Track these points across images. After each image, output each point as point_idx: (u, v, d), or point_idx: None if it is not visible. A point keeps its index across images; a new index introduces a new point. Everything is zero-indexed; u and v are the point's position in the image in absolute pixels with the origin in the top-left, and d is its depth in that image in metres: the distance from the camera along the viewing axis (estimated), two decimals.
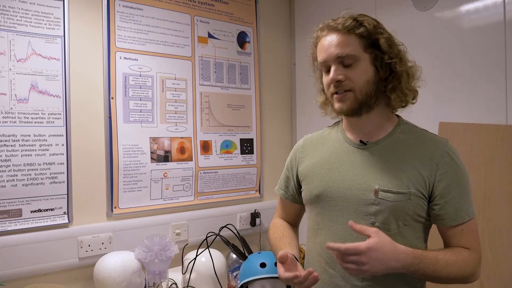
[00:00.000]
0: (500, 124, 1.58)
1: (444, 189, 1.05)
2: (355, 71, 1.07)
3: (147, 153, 1.91)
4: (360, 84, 1.07)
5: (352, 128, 1.18)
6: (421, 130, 1.15)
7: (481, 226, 1.54)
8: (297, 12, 2.52)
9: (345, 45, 1.06)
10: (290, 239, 1.25)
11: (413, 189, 1.05)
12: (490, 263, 1.51)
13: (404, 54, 1.11)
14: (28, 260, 1.59)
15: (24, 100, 1.61)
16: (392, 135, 1.13)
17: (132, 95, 1.88)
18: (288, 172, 1.33)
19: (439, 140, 1.12)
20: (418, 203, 1.06)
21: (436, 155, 1.07)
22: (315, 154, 1.23)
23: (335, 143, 1.21)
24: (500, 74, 1.59)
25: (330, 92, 1.11)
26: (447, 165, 1.06)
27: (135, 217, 1.89)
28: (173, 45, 2.01)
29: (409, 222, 1.07)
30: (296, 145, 1.34)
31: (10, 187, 1.57)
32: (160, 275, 1.67)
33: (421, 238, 1.11)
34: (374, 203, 1.07)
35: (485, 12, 1.64)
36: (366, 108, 1.10)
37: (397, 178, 1.06)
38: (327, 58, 1.08)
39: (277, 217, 1.41)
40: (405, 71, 1.10)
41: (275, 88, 2.48)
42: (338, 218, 1.12)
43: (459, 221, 1.06)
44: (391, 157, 1.10)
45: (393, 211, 1.05)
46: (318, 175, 1.18)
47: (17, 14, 1.60)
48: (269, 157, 2.41)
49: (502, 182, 1.53)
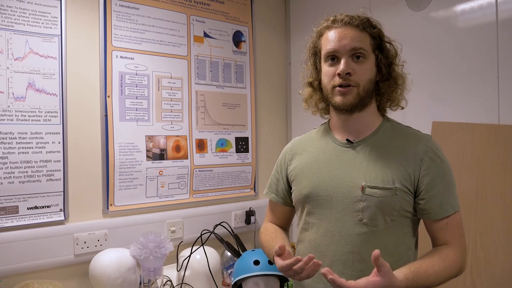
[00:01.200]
0: (493, 123, 1.59)
1: (429, 184, 1.07)
2: (363, 67, 1.10)
3: (142, 151, 1.93)
4: (364, 81, 1.10)
5: (340, 126, 1.19)
6: (405, 127, 1.18)
7: (473, 225, 1.56)
8: (293, 11, 2.53)
9: (360, 39, 1.10)
10: (283, 239, 1.25)
11: (399, 184, 1.07)
12: (482, 262, 1.52)
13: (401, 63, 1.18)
14: (24, 256, 1.61)
15: (21, 98, 1.62)
16: (377, 133, 1.16)
17: (128, 93, 1.90)
18: (278, 174, 1.34)
19: (422, 136, 1.14)
20: (405, 198, 1.08)
21: (420, 151, 1.09)
22: (304, 156, 1.25)
23: (323, 143, 1.23)
24: (493, 74, 1.60)
25: (332, 84, 1.12)
26: (431, 160, 1.09)
27: (131, 214, 1.90)
28: (169, 44, 2.03)
29: (396, 218, 1.08)
30: (284, 148, 1.35)
31: (7, 184, 1.59)
32: (155, 272, 1.68)
33: (409, 233, 1.13)
34: (361, 199, 1.08)
35: (478, 12, 1.65)
36: (362, 105, 1.12)
37: (383, 174, 1.08)
38: (338, 49, 1.10)
39: (268, 222, 1.40)
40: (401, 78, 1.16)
41: (270, 87, 2.49)
42: (327, 216, 1.14)
43: (444, 214, 1.08)
44: (376, 154, 1.12)
45: (380, 207, 1.07)
46: (307, 175, 1.20)
47: (15, 13, 1.61)
48: (264, 155, 2.43)
49: (494, 181, 1.54)
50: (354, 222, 1.09)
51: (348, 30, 1.11)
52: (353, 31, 1.10)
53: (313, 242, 1.17)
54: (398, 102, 1.19)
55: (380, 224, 1.08)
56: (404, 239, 1.11)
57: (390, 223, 1.08)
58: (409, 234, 1.13)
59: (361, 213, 1.08)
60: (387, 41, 1.16)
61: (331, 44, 1.11)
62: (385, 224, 1.08)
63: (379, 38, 1.14)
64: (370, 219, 1.08)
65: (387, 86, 1.16)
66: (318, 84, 1.21)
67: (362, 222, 1.08)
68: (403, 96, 1.19)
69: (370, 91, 1.12)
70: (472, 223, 1.56)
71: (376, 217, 1.07)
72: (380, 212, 1.07)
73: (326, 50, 1.13)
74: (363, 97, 1.11)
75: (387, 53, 1.15)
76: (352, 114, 1.14)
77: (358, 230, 1.09)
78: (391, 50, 1.17)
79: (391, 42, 1.17)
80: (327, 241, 1.13)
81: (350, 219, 1.09)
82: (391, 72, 1.15)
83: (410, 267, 1.00)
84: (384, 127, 1.17)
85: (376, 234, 1.08)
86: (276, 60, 2.52)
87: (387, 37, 1.17)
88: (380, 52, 1.14)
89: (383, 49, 1.15)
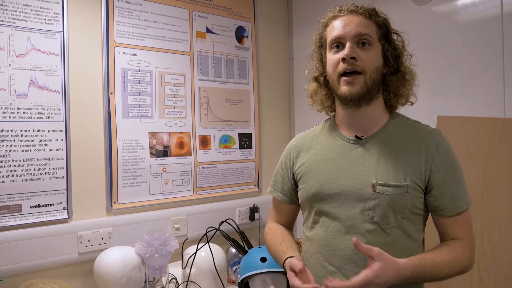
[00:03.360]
0: (498, 117, 1.58)
1: (440, 180, 1.06)
2: (369, 54, 1.08)
3: (146, 148, 1.92)
4: (371, 68, 1.07)
5: (347, 122, 1.17)
6: (414, 122, 1.16)
7: (480, 219, 1.55)
8: (295, 6, 2.52)
9: (365, 26, 1.08)
10: (290, 242, 1.22)
11: (410, 181, 1.05)
12: (489, 256, 1.52)
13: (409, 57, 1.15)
14: (28, 255, 1.59)
15: (23, 95, 1.61)
16: (386, 129, 1.13)
17: (131, 90, 1.88)
18: (283, 172, 1.30)
19: (432, 131, 1.13)
20: (415, 195, 1.06)
21: (430, 147, 1.08)
22: (310, 153, 1.22)
23: (329, 140, 1.20)
24: (498, 67, 1.59)
25: (337, 72, 1.09)
26: (441, 156, 1.07)
27: (135, 212, 1.89)
28: (172, 40, 2.01)
29: (407, 215, 1.07)
30: (289, 145, 1.32)
31: (9, 183, 1.57)
32: (160, 270, 1.67)
33: (419, 230, 1.12)
34: (372, 197, 1.06)
35: (482, 5, 1.64)
36: (369, 97, 1.10)
37: (394, 171, 1.06)
38: (343, 34, 1.08)
39: (272, 221, 1.37)
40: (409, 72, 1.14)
41: (273, 82, 2.48)
42: (337, 215, 1.11)
43: (457, 210, 1.07)
44: (386, 151, 1.10)
45: (391, 205, 1.05)
46: (314, 174, 1.17)
47: (16, 9, 1.59)
48: (268, 151, 2.42)
49: (500, 175, 1.53)
50: (365, 220, 1.07)
51: (353, 17, 1.09)
52: (359, 18, 1.09)
53: (323, 240, 1.14)
54: (406, 98, 1.16)
55: (391, 222, 1.06)
56: (415, 236, 1.10)
57: (401, 220, 1.07)
58: (419, 231, 1.12)
59: (372, 211, 1.06)
60: (394, 32, 1.14)
61: (336, 31, 1.10)
62: (396, 222, 1.06)
63: (385, 27, 1.12)
64: (381, 217, 1.06)
65: (395, 80, 1.13)
66: (324, 79, 1.19)
67: (373, 221, 1.06)
68: (412, 91, 1.16)
69: (377, 81, 1.09)
70: (479, 218, 1.55)
71: (387, 215, 1.06)
72: (391, 210, 1.05)
73: (331, 37, 1.11)
74: (370, 87, 1.08)
75: (394, 44, 1.13)
76: (359, 108, 1.11)
77: (369, 228, 1.07)
78: (399, 42, 1.14)
79: (399, 33, 1.15)
80: (337, 240, 1.11)
81: (361, 217, 1.07)
82: (399, 66, 1.13)
83: (417, 255, 1.00)
84: (392, 122, 1.15)
85: (387, 232, 1.07)
86: (278, 56, 2.51)
87: (394, 28, 1.15)
88: (387, 42, 1.11)
89: (390, 41, 1.12)
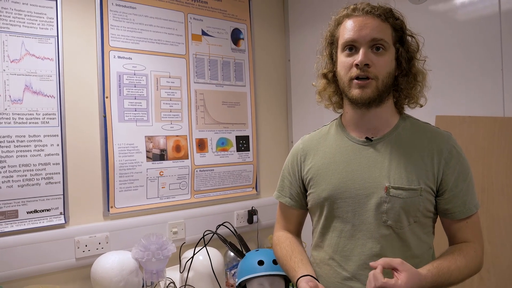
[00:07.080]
0: (497, 116, 1.57)
1: (453, 183, 1.05)
2: (383, 59, 1.05)
3: (142, 152, 1.91)
4: (383, 74, 1.05)
5: (356, 123, 1.14)
6: (424, 124, 1.14)
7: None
8: (291, 8, 2.51)
9: (381, 30, 1.05)
10: (301, 255, 1.17)
11: (423, 184, 1.04)
12: (489, 256, 1.50)
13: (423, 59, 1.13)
14: (25, 261, 1.59)
15: (18, 100, 1.60)
16: (396, 130, 1.11)
17: (126, 94, 1.88)
18: (291, 177, 1.25)
19: (443, 134, 1.11)
20: (428, 198, 1.05)
21: (443, 150, 1.06)
22: (318, 155, 1.18)
23: (338, 141, 1.16)
24: (496, 66, 1.59)
25: (349, 76, 1.06)
26: (454, 159, 1.06)
27: (132, 216, 1.88)
28: (167, 43, 2.00)
29: (419, 219, 1.06)
30: (294, 148, 1.27)
31: (5, 188, 1.57)
32: (157, 274, 1.67)
33: (429, 232, 1.11)
34: (385, 201, 1.04)
35: (480, 4, 1.63)
36: (380, 100, 1.08)
37: (407, 174, 1.05)
38: (358, 38, 1.04)
39: (280, 229, 1.31)
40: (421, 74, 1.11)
41: (270, 84, 2.47)
42: (350, 219, 1.09)
43: (468, 213, 1.06)
44: (398, 153, 1.07)
45: (404, 208, 1.03)
46: (325, 177, 1.14)
47: (10, 14, 1.59)
48: (265, 154, 2.41)
49: (500, 175, 1.52)
50: (378, 224, 1.05)
51: (369, 20, 1.05)
52: (375, 20, 1.05)
53: (335, 246, 1.12)
54: (416, 100, 1.14)
55: (404, 225, 1.05)
56: (426, 239, 1.09)
57: (413, 224, 1.05)
58: (429, 233, 1.11)
59: (385, 215, 1.04)
60: (409, 34, 1.11)
61: (349, 33, 1.06)
62: (409, 225, 1.05)
63: (401, 30, 1.09)
64: (394, 220, 1.04)
65: (406, 82, 1.11)
66: (333, 76, 1.16)
67: (386, 224, 1.04)
68: (422, 93, 1.14)
69: (388, 85, 1.07)
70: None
71: (401, 219, 1.04)
72: (404, 213, 1.04)
73: (344, 39, 1.07)
74: (381, 92, 1.06)
75: (408, 47, 1.10)
76: (369, 109, 1.09)
77: (383, 232, 1.05)
78: (413, 44, 1.11)
79: (414, 36, 1.12)
80: (351, 245, 1.09)
81: (374, 221, 1.05)
82: (411, 67, 1.10)
83: (433, 263, 0.99)
84: (402, 124, 1.13)
85: (400, 235, 1.05)
86: (275, 57, 2.50)
87: (409, 30, 1.12)
88: (401, 45, 1.09)
89: (405, 43, 1.09)
